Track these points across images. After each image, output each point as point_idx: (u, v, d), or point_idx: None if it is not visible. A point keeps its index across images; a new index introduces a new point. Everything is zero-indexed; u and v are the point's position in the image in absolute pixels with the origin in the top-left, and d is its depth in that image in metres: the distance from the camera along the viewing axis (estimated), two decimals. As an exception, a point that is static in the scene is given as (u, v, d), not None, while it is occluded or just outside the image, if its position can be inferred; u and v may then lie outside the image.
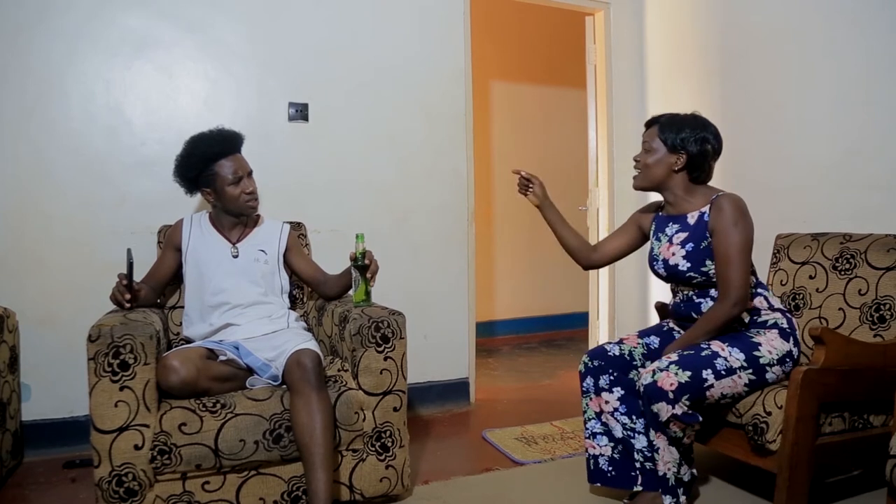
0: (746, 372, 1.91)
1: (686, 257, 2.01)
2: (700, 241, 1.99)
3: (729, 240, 1.91)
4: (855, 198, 2.58)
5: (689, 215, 2.03)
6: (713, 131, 2.04)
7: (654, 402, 1.87)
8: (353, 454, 2.03)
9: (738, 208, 1.95)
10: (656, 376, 1.87)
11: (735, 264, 1.90)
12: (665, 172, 2.03)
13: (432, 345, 3.23)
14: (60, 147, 2.63)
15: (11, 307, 2.52)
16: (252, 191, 2.28)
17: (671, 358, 1.90)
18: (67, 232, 2.64)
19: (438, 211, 3.26)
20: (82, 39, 2.64)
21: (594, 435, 2.12)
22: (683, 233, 2.03)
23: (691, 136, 1.99)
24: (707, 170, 2.05)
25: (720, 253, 1.93)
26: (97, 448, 1.77)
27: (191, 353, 1.97)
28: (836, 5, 2.66)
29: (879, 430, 2.00)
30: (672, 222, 2.09)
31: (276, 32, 2.93)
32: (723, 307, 1.92)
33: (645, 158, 2.06)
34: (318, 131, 3.01)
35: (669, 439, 1.93)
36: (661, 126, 2.04)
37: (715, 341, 1.94)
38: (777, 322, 2.00)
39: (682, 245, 2.02)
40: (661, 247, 2.10)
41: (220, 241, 2.31)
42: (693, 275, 2.02)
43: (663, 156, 2.02)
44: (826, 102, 2.70)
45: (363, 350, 2.04)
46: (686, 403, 1.86)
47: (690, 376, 1.85)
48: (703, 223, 1.99)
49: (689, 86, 3.45)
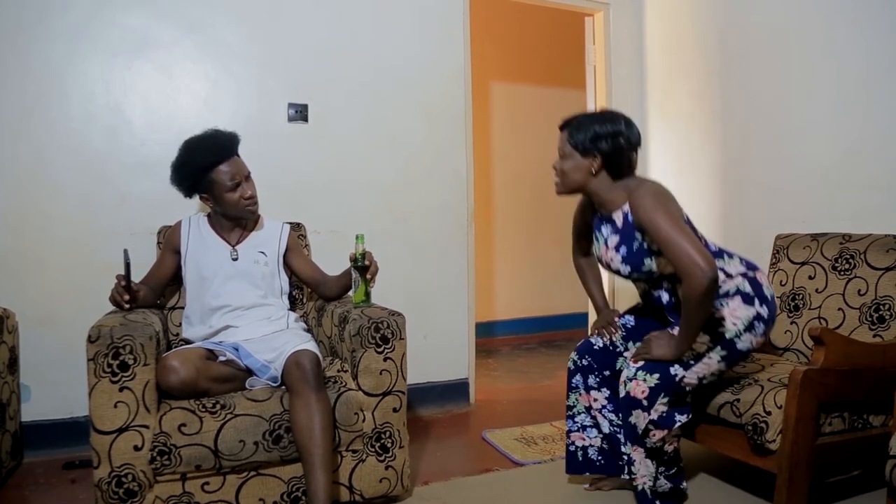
0: (716, 351, 1.90)
1: (623, 261, 1.98)
2: (632, 243, 1.95)
3: (658, 228, 1.81)
4: (854, 198, 2.58)
5: (615, 216, 1.99)
6: (625, 123, 1.94)
7: (631, 411, 1.89)
8: (352, 455, 2.02)
9: (652, 195, 1.86)
10: (627, 387, 1.89)
11: (675, 244, 1.78)
12: (584, 177, 1.96)
13: (432, 345, 3.23)
14: (60, 147, 2.63)
15: (11, 307, 2.52)
16: (251, 195, 2.25)
17: (637, 364, 1.90)
18: (67, 232, 2.64)
19: (438, 211, 3.26)
20: (82, 39, 2.64)
21: (584, 427, 2.18)
22: (615, 236, 2.00)
23: (601, 135, 1.91)
24: (627, 163, 1.96)
25: (659, 242, 1.83)
26: (97, 449, 1.77)
27: (190, 354, 1.96)
28: (835, 6, 2.66)
29: (879, 430, 2.00)
30: (605, 223, 2.04)
31: (275, 33, 2.93)
32: (690, 287, 1.77)
33: (562, 165, 1.99)
34: (318, 132, 3.01)
35: (647, 451, 1.92)
36: (570, 131, 1.96)
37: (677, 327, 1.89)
38: (739, 288, 1.93)
39: (616, 249, 1.99)
40: (601, 249, 2.07)
41: (220, 243, 2.30)
42: (637, 275, 2.00)
43: (578, 161, 1.95)
44: (826, 103, 2.70)
45: (363, 351, 2.04)
46: (664, 403, 1.87)
47: (659, 377, 1.86)
48: (629, 224, 1.94)
49: (688, 86, 3.45)
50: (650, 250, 1.93)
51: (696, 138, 3.40)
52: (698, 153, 3.38)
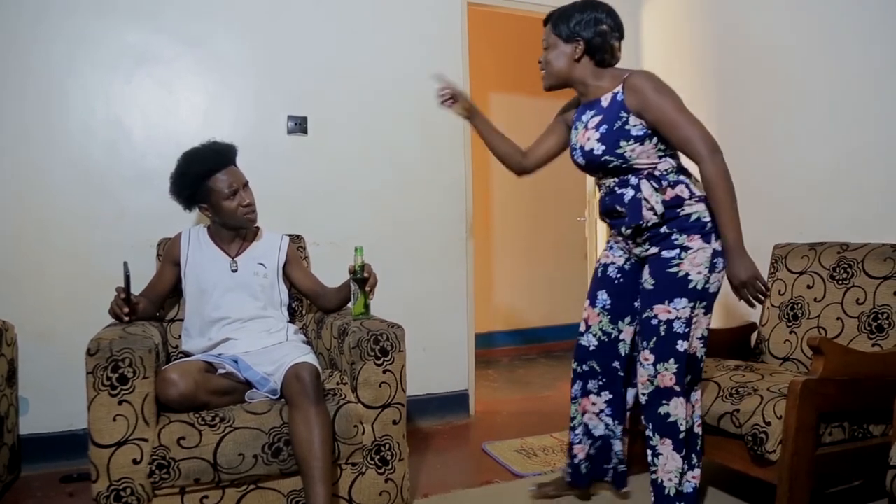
0: (699, 308, 1.91)
1: (600, 140, 1.95)
2: (614, 122, 1.93)
3: (662, 107, 1.85)
4: (850, 208, 2.59)
5: (603, 98, 1.98)
6: (605, 10, 1.99)
7: (666, 403, 1.91)
8: (352, 468, 2.02)
9: (653, 78, 1.90)
10: (656, 382, 1.91)
11: (683, 123, 1.83)
12: (567, 64, 2.00)
13: (431, 357, 3.23)
14: (60, 160, 2.63)
15: (10, 320, 2.52)
16: (249, 203, 2.26)
17: (649, 359, 1.93)
18: (67, 245, 2.64)
19: (437, 223, 3.26)
20: (83, 54, 2.66)
21: (582, 438, 2.20)
22: (598, 116, 1.98)
23: (582, 20, 1.96)
24: (610, 50, 1.99)
25: (663, 123, 1.85)
26: (95, 462, 1.76)
27: (190, 367, 1.96)
28: (829, 17, 2.68)
29: (879, 440, 2.00)
30: (588, 109, 2.04)
31: (275, 46, 2.95)
32: (706, 167, 1.83)
33: (546, 56, 2.05)
34: (318, 144, 3.02)
35: (675, 444, 1.92)
36: (553, 21, 2.02)
37: (657, 306, 1.92)
38: (700, 217, 1.92)
39: (596, 128, 1.97)
40: (578, 134, 2.05)
41: (220, 254, 2.31)
42: (609, 158, 1.94)
43: (562, 48, 1.99)
44: (821, 113, 2.71)
45: (362, 363, 2.04)
46: (686, 380, 1.92)
47: (675, 360, 1.89)
48: (618, 103, 1.93)
49: (684, 96, 3.44)
50: (631, 134, 1.91)
51: (693, 149, 3.41)
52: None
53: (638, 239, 1.99)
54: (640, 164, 1.92)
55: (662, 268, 1.93)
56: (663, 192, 1.91)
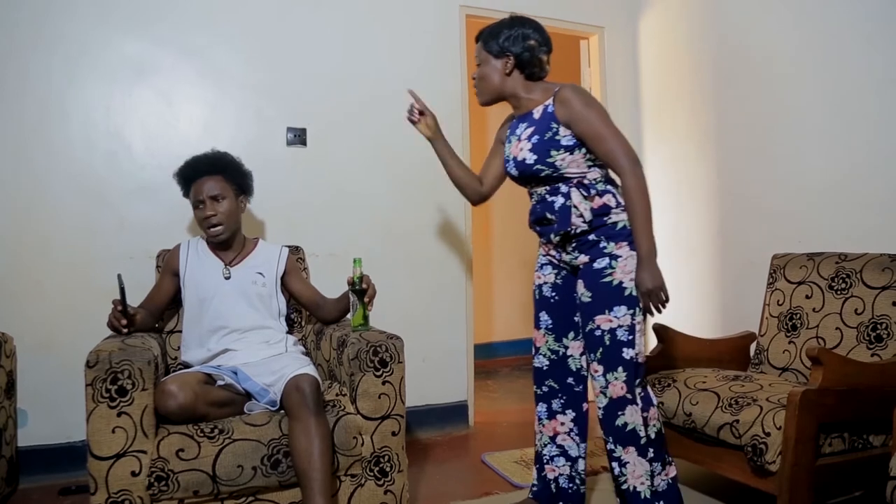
0: (637, 313, 1.94)
1: (532, 149, 1.99)
2: (545, 133, 1.98)
3: (590, 119, 1.92)
4: (848, 218, 2.60)
5: (535, 110, 2.04)
6: (532, 26, 2.05)
7: (621, 413, 1.92)
8: (351, 479, 2.01)
9: (582, 92, 1.98)
10: (608, 393, 1.94)
11: (607, 137, 1.91)
12: (500, 78, 2.05)
13: (431, 367, 3.22)
14: (60, 172, 2.64)
15: (9, 332, 2.52)
16: (208, 216, 2.25)
17: (598, 370, 1.95)
18: (66, 256, 2.64)
19: (436, 233, 3.27)
20: (83, 65, 2.68)
21: (552, 458, 2.19)
22: (531, 128, 2.03)
23: (510, 36, 2.01)
24: (539, 63, 2.05)
25: (589, 135, 1.92)
26: (94, 474, 1.76)
27: (189, 378, 1.96)
28: (828, 29, 2.70)
29: (879, 450, 2.00)
30: (521, 122, 2.09)
31: (274, 58, 2.97)
32: (626, 179, 1.90)
33: (478, 73, 2.10)
34: (317, 156, 3.03)
35: (639, 450, 1.93)
36: (483, 39, 2.07)
37: (598, 317, 1.94)
38: (626, 225, 1.96)
39: (528, 139, 2.02)
40: (512, 147, 2.10)
41: (216, 262, 2.32)
42: (540, 167, 1.99)
43: (493, 64, 2.05)
44: (819, 124, 2.73)
45: (361, 374, 2.04)
46: (640, 386, 1.94)
47: (623, 367, 1.92)
48: (549, 114, 1.98)
49: (683, 108, 3.49)
50: (561, 144, 1.96)
51: (691, 159, 3.43)
52: (694, 174, 3.41)
53: (567, 247, 2.04)
54: (570, 173, 1.98)
55: (596, 279, 1.96)
56: (591, 199, 1.96)
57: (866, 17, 2.54)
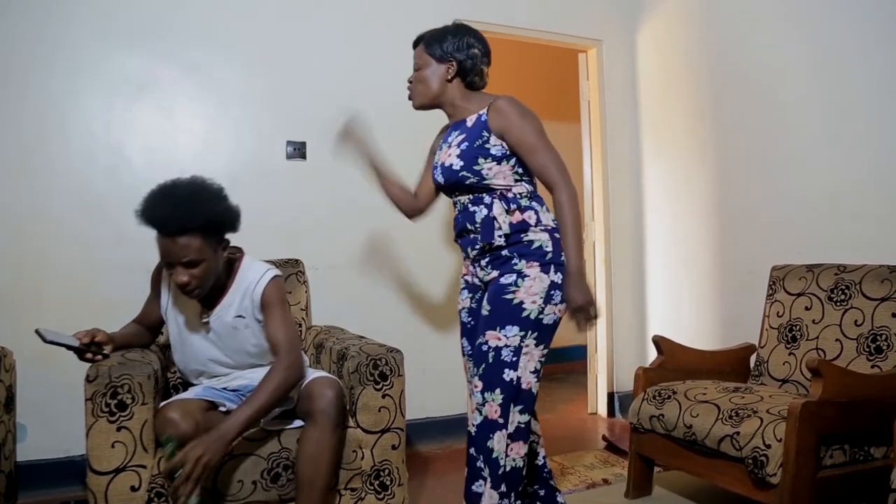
0: (530, 338, 1.87)
1: (459, 156, 1.96)
2: (475, 140, 1.95)
3: (524, 130, 1.91)
4: (848, 229, 2.60)
5: (468, 119, 2.01)
6: (476, 36, 2.05)
7: (491, 435, 1.85)
8: (351, 493, 2.01)
9: (519, 104, 1.95)
10: (483, 411, 1.86)
11: (541, 150, 1.90)
12: (440, 84, 2.04)
13: (430, 380, 3.22)
14: (60, 185, 2.65)
15: (8, 346, 2.50)
16: (182, 283, 1.85)
17: (478, 386, 1.88)
18: (66, 270, 2.65)
19: (436, 246, 3.27)
20: (83, 79, 2.69)
21: None
22: (462, 135, 2.00)
23: (455, 42, 2.02)
24: (479, 73, 2.06)
25: (523, 147, 1.91)
26: (93, 489, 1.75)
27: (191, 406, 1.86)
28: (825, 40, 2.72)
29: (881, 462, 2.00)
30: (454, 130, 2.06)
31: (274, 72, 2.99)
32: (558, 193, 1.89)
33: (417, 76, 2.08)
34: (316, 169, 3.04)
35: (493, 481, 1.84)
36: (426, 42, 2.06)
37: (489, 332, 1.87)
38: (542, 245, 1.91)
39: (458, 146, 1.99)
40: (442, 153, 2.07)
41: (194, 304, 2.01)
42: (466, 174, 1.94)
43: (435, 68, 2.04)
44: (817, 136, 2.74)
45: (361, 388, 2.04)
46: (517, 413, 1.86)
47: (501, 389, 1.84)
48: (481, 123, 1.96)
49: (682, 120, 3.51)
50: (490, 153, 1.93)
51: (690, 171, 3.44)
52: (693, 185, 3.42)
53: (482, 261, 1.98)
54: (495, 184, 1.94)
55: (499, 294, 1.91)
56: (511, 214, 1.92)
57: (864, 31, 2.56)
